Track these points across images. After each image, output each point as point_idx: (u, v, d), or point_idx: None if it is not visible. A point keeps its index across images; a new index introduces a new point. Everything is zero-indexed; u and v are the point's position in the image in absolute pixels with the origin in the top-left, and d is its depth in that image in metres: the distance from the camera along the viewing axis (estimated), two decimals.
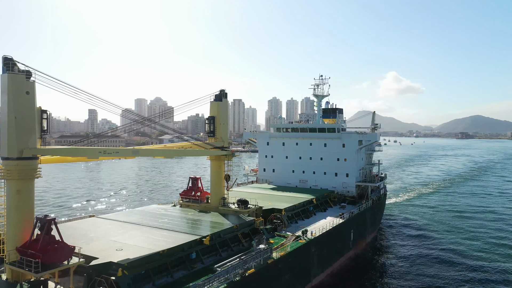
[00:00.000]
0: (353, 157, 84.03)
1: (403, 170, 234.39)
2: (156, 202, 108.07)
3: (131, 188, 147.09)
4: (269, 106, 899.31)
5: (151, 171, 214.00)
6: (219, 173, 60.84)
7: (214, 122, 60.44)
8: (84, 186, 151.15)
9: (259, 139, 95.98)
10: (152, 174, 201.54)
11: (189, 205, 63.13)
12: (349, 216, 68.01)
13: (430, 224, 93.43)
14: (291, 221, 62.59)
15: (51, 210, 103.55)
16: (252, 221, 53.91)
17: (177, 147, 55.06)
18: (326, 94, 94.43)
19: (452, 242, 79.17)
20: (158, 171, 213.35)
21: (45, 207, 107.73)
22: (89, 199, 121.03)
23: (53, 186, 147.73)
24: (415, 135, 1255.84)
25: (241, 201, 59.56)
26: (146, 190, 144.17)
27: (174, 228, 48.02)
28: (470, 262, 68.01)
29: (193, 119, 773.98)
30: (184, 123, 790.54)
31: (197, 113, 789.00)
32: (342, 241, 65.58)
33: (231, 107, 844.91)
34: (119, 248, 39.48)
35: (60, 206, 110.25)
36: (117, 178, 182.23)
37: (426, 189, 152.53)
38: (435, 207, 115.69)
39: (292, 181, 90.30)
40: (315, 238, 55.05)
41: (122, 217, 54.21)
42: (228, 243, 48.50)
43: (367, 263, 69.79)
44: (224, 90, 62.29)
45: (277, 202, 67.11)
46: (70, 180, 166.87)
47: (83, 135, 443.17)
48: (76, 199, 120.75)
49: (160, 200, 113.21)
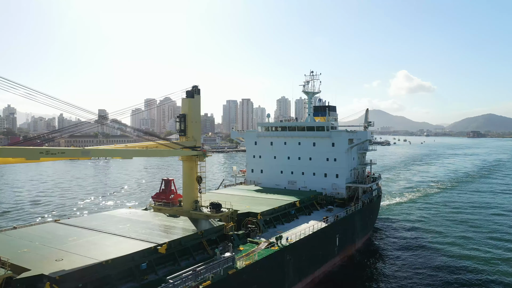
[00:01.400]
0: (343, 157, 79.49)
1: (409, 169, 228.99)
2: (143, 204, 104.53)
3: (123, 188, 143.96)
4: (278, 105, 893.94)
5: (157, 170, 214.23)
6: (191, 174, 56.98)
7: (185, 120, 56.65)
8: (72, 186, 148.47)
9: (246, 138, 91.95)
10: (156, 173, 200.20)
11: (161, 209, 59.41)
12: (334, 220, 63.66)
13: (428, 228, 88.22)
14: (269, 226, 58.45)
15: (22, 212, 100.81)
16: (221, 226, 49.90)
17: (140, 146, 51.20)
18: (317, 91, 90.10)
19: (454, 253, 72.13)
20: (164, 170, 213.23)
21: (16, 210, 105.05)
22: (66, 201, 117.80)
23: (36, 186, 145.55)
24: (425, 134, 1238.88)
25: (213, 204, 55.73)
26: (136, 191, 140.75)
27: (132, 235, 44.25)
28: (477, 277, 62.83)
29: (202, 119, 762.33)
30: None
31: (205, 113, 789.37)
32: (325, 247, 61.19)
33: (240, 106, 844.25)
34: (59, 258, 35.83)
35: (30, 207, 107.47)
36: (114, 177, 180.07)
37: (430, 190, 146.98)
38: (436, 208, 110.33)
39: (281, 183, 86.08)
40: (290, 244, 50.87)
41: (83, 222, 50.64)
42: (190, 252, 44.58)
43: (354, 270, 65.42)
44: (197, 86, 58.38)
45: (256, 205, 63.06)
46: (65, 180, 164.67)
47: (92, 135, 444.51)
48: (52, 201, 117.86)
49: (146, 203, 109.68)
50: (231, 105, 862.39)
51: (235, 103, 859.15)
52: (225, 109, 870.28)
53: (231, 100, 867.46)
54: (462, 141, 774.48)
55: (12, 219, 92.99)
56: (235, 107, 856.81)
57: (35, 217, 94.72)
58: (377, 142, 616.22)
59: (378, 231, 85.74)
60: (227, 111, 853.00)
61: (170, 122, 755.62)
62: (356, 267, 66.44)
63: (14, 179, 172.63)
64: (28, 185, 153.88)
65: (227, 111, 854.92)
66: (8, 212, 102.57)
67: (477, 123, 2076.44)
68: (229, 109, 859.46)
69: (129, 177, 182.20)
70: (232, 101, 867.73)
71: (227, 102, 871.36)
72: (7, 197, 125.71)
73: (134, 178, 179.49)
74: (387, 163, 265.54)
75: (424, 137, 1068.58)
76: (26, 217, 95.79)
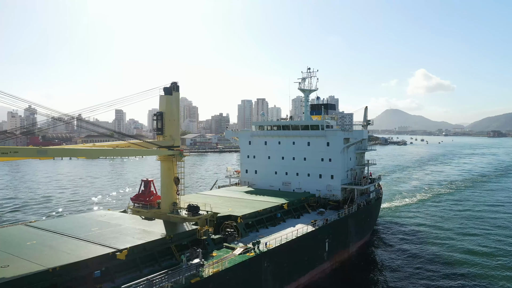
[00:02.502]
0: (338, 157, 75.76)
1: (423, 169, 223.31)
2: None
3: (123, 188, 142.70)
4: (293, 105, 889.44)
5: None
6: (169, 175, 54.30)
7: (163, 119, 54.05)
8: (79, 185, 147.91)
9: (241, 138, 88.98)
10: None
11: (139, 211, 57.01)
12: (324, 224, 60.20)
13: (433, 233, 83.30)
14: (251, 230, 55.41)
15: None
16: (194, 230, 47.09)
17: (109, 146, 48.69)
18: (314, 89, 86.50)
19: (463, 269, 65.58)
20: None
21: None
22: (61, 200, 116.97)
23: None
24: (444, 134, 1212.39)
25: (191, 207, 52.98)
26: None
27: (95, 239, 41.80)
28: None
29: (217, 119, 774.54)
30: (208, 123, 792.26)
31: (220, 113, 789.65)
32: (312, 252, 57.75)
33: (254, 106, 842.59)
34: (5, 265, 33.59)
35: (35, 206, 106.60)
36: (126, 176, 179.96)
37: (441, 190, 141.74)
38: (444, 211, 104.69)
39: (275, 184, 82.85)
40: (269, 250, 47.77)
41: (53, 225, 48.51)
42: (156, 258, 41.88)
43: (346, 276, 61.82)
44: (176, 82, 55.66)
45: (240, 207, 60.13)
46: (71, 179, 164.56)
47: (108, 134, 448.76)
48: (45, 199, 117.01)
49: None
50: (246, 105, 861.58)
51: (250, 103, 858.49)
52: (240, 109, 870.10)
53: (246, 100, 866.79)
54: (481, 141, 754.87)
55: (14, 216, 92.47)
56: (250, 106, 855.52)
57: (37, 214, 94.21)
58: (393, 142, 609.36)
59: (376, 235, 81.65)
60: (242, 111, 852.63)
61: (186, 122, 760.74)
62: (348, 273, 62.76)
63: (24, 176, 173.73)
64: (36, 183, 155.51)
65: (242, 110, 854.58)
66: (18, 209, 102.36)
67: (498, 123, 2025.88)
68: (244, 108, 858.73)
69: (140, 176, 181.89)
70: (247, 100, 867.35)
71: (242, 102, 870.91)
72: (17, 194, 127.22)
73: (143, 177, 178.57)
74: (400, 162, 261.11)
75: (442, 136, 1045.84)
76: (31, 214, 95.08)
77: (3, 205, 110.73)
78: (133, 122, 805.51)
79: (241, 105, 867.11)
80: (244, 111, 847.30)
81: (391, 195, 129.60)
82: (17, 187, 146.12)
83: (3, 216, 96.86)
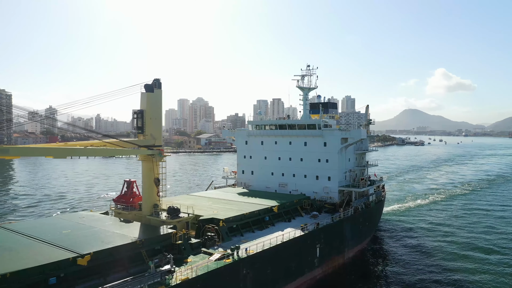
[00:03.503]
0: (335, 158, 72.42)
1: (438, 169, 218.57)
2: None
3: None
4: None
5: (192, 167, 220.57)
6: (150, 176, 52.06)
7: (143, 117, 51.86)
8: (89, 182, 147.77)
9: (237, 137, 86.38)
10: (189, 171, 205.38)
11: (121, 213, 54.94)
12: (314, 228, 57.09)
13: (440, 239, 78.65)
14: (234, 234, 52.70)
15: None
16: (168, 234, 44.67)
17: (82, 145, 46.58)
18: (313, 87, 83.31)
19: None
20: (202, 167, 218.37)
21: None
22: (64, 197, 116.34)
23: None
24: (464, 134, 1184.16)
25: (171, 209, 50.62)
26: None
27: (61, 243, 39.73)
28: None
29: (233, 119, 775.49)
30: (224, 123, 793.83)
31: (236, 113, 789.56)
32: (301, 258, 54.69)
33: (270, 106, 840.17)
34: None
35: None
36: (137, 174, 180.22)
37: (454, 191, 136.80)
38: (455, 215, 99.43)
39: (272, 185, 79.95)
40: (249, 256, 45.01)
41: (25, 227, 46.79)
42: (124, 264, 39.56)
43: (338, 283, 58.59)
44: (159, 79, 53.46)
45: (226, 210, 57.53)
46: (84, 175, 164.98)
47: (124, 134, 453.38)
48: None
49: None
50: (262, 105, 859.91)
51: (265, 103, 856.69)
52: (255, 109, 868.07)
53: (261, 100, 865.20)
54: (502, 141, 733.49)
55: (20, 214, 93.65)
56: (265, 107, 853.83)
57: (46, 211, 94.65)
58: (410, 142, 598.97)
59: (377, 240, 77.81)
60: (257, 111, 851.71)
61: (202, 122, 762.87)
62: (342, 280, 59.48)
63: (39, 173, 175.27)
64: (53, 180, 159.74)
65: (258, 110, 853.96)
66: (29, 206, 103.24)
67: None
68: (259, 108, 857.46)
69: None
70: (263, 100, 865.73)
71: (257, 101, 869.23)
72: (34, 191, 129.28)
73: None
74: (415, 163, 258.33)
75: (462, 137, 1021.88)
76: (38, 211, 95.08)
77: (15, 202, 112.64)
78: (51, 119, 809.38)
79: (256, 105, 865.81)
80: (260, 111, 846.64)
81: (400, 196, 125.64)
82: (34, 184, 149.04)
83: (13, 213, 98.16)
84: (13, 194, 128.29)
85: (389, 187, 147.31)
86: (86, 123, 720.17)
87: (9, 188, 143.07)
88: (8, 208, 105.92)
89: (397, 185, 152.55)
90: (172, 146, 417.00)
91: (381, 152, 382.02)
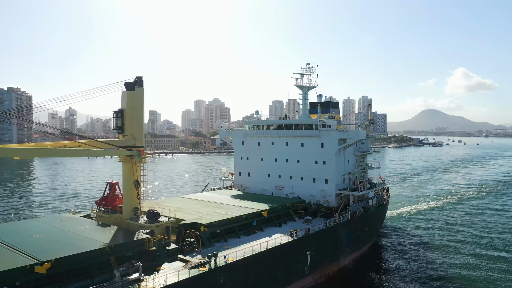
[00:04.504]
0: (332, 159, 69.10)
1: (454, 170, 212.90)
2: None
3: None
4: None
5: (201, 167, 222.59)
6: (130, 178, 49.96)
7: (123, 116, 49.75)
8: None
9: (234, 138, 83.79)
10: (196, 171, 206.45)
11: (102, 216, 52.92)
12: (305, 234, 54.05)
13: (447, 245, 74.26)
14: (218, 240, 50.08)
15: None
16: (142, 240, 42.33)
17: (54, 145, 44.60)
18: (313, 85, 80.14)
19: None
20: (201, 167, 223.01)
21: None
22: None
23: None
24: (484, 135, 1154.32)
25: (150, 213, 48.34)
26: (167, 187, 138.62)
27: (24, 248, 37.77)
28: None
29: (248, 119, 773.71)
30: (239, 123, 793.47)
31: (251, 113, 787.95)
32: (289, 265, 51.68)
33: (286, 107, 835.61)
34: None
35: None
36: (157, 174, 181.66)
37: (469, 194, 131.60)
38: (467, 219, 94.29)
39: (268, 188, 77.09)
40: (228, 264, 42.34)
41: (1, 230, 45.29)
42: (89, 272, 37.33)
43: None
44: (141, 77, 51.26)
45: (212, 214, 55.03)
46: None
47: None
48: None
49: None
50: (277, 106, 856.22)
51: (281, 104, 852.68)
52: (271, 110, 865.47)
53: (277, 101, 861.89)
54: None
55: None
56: (281, 107, 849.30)
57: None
58: (428, 143, 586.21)
59: (378, 247, 73.98)
60: (273, 112, 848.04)
61: (217, 123, 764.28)
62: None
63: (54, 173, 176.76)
64: (69, 179, 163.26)
65: (273, 111, 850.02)
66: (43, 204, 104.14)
67: None
68: (275, 109, 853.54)
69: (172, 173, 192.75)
70: (278, 101, 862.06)
71: (273, 102, 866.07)
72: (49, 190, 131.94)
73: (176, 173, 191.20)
74: (431, 164, 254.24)
75: (482, 138, 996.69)
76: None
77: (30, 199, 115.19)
78: (166, 123, 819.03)
79: (272, 105, 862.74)
80: (275, 111, 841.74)
81: (412, 198, 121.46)
82: (52, 183, 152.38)
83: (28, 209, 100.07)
84: (32, 192, 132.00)
85: (401, 188, 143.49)
86: (104, 124, 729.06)
87: (28, 186, 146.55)
88: (25, 204, 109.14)
89: (409, 187, 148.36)
90: (187, 147, 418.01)
91: (398, 153, 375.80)
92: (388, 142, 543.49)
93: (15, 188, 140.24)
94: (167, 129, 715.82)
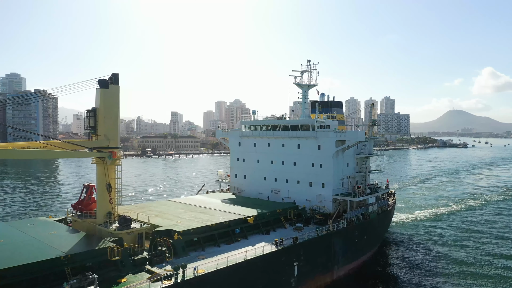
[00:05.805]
0: (330, 162, 64.70)
1: (477, 173, 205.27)
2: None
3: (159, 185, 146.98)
4: (347, 106, 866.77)
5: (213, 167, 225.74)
6: (103, 181, 47.12)
7: (96, 115, 46.91)
8: None
9: (230, 138, 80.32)
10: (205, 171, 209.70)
11: (76, 220, 50.24)
12: (292, 243, 50.02)
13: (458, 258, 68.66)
14: (194, 249, 46.59)
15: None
16: (103, 249, 39.19)
17: (19, 146, 41.81)
18: (313, 83, 75.97)
19: None
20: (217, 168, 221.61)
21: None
22: None
23: None
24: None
25: (121, 219, 45.30)
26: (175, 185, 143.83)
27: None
28: None
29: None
30: None
31: (272, 114, 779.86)
32: (272, 278, 47.74)
33: None
34: None
35: None
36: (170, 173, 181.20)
37: (491, 197, 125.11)
38: (485, 226, 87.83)
39: (264, 191, 73.23)
40: (197, 277, 38.81)
41: None
42: (41, 284, 34.38)
43: None
44: (117, 74, 48.30)
45: (193, 220, 51.62)
46: None
47: (162, 135, 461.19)
48: None
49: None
50: (297, 107, 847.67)
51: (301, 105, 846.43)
52: (291, 111, 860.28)
53: (297, 102, 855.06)
54: None
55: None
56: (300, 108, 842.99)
57: None
58: (453, 144, 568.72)
59: (379, 256, 69.01)
60: (293, 113, 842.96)
61: (238, 124, 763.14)
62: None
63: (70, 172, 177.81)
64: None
65: (293, 112, 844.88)
66: None
67: None
68: (296, 111, 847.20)
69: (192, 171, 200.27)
70: (298, 103, 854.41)
71: (293, 103, 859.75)
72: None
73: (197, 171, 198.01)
74: (454, 165, 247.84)
75: (510, 139, 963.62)
76: None
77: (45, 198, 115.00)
78: (188, 124, 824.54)
79: (292, 106, 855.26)
80: (296, 113, 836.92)
81: (429, 201, 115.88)
82: (73, 182, 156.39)
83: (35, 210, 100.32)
84: (53, 191, 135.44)
85: (419, 191, 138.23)
86: (127, 125, 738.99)
87: (49, 185, 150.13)
88: (45, 203, 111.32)
89: (427, 189, 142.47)
90: (207, 147, 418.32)
91: (421, 154, 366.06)
92: (410, 143, 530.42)
93: (40, 186, 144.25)
94: (188, 130, 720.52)
